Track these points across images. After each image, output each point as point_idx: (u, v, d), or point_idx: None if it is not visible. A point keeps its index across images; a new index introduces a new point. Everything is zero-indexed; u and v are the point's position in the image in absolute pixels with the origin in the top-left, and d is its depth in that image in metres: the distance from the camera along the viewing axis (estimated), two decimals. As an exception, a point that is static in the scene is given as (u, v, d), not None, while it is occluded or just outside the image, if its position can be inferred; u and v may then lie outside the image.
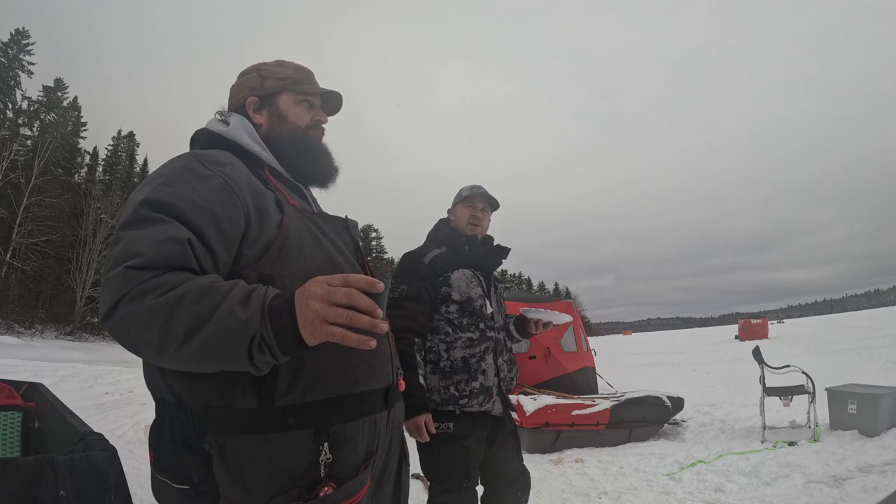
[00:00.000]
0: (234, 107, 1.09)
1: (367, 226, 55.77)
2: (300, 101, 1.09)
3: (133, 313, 0.72)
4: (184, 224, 0.79)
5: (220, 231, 0.83)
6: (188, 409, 0.84)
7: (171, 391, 0.86)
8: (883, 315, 34.37)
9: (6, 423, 2.53)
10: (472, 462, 1.86)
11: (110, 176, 37.11)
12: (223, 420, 0.83)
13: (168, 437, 0.87)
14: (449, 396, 1.84)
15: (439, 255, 1.97)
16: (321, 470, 0.86)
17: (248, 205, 0.87)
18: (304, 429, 0.85)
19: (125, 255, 0.75)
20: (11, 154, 26.37)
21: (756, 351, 5.28)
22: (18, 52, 31.01)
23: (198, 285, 0.74)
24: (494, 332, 1.94)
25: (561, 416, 4.61)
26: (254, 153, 1.01)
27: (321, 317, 0.71)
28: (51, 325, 26.87)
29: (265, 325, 0.72)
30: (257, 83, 1.08)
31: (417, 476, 3.75)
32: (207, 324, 0.71)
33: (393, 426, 1.05)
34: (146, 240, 0.76)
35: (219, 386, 0.82)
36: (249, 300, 0.74)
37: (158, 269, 0.75)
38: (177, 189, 0.82)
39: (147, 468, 0.96)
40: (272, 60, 1.12)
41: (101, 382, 9.59)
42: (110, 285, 0.74)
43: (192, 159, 0.89)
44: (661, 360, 15.21)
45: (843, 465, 3.53)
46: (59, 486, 1.15)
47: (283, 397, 0.84)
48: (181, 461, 0.84)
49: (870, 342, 14.15)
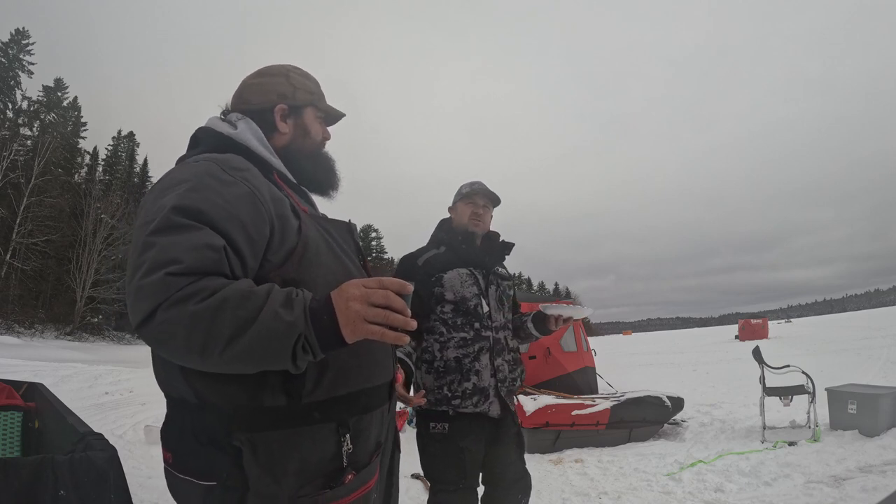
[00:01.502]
0: (255, 107, 1.07)
1: (367, 226, 55.76)
2: (318, 117, 1.13)
3: (174, 319, 0.73)
4: (216, 231, 0.81)
5: (248, 238, 0.85)
6: (215, 408, 0.86)
7: (195, 392, 0.87)
8: (883, 315, 34.36)
9: (6, 423, 2.53)
10: (468, 463, 1.84)
11: (110, 176, 37.10)
12: (253, 418, 0.86)
13: (190, 437, 0.88)
14: (442, 397, 1.82)
15: (436, 255, 1.96)
16: (344, 459, 0.91)
17: (271, 212, 0.89)
18: (328, 422, 0.91)
19: (162, 261, 0.75)
20: (11, 154, 26.36)
21: (756, 351, 5.28)
22: (18, 52, 30.99)
23: (237, 290, 0.76)
24: (492, 331, 1.90)
25: (561, 416, 4.61)
26: (263, 158, 1.02)
27: (362, 316, 0.77)
28: (51, 325, 26.86)
29: (308, 326, 0.76)
30: (289, 92, 1.09)
31: (417, 476, 3.75)
32: (252, 327, 0.74)
33: (391, 420, 1.12)
34: (183, 246, 0.77)
35: (247, 387, 0.85)
36: (292, 303, 0.77)
37: (197, 275, 0.76)
38: (204, 195, 0.83)
39: (147, 468, 0.96)
40: (297, 67, 1.14)
41: (101, 382, 9.58)
42: (147, 291, 0.74)
43: (213, 165, 0.89)
44: (661, 360, 15.21)
45: (843, 465, 3.53)
46: (59, 486, 1.15)
47: (309, 395, 0.89)
48: (208, 459, 0.86)
49: (870, 342, 14.16)
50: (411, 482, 3.69)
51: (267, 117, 1.06)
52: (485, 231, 2.04)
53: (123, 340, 29.42)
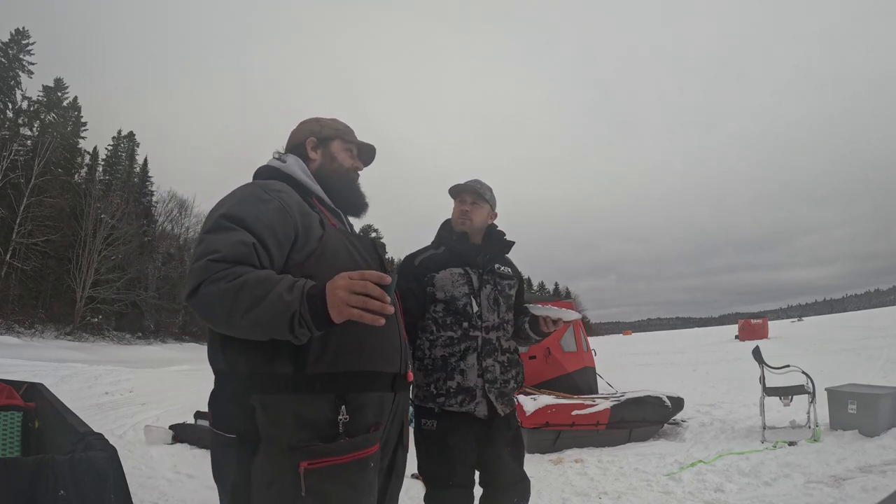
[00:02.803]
0: (294, 144, 1.39)
1: (367, 226, 55.66)
2: (346, 149, 1.41)
3: (211, 292, 1.00)
4: (250, 233, 1.07)
5: (276, 240, 1.10)
6: (240, 374, 1.11)
7: (227, 362, 1.12)
8: (883, 315, 34.36)
9: (6, 423, 2.53)
10: (457, 461, 1.84)
11: (110, 176, 37.11)
12: (265, 382, 1.08)
13: (223, 399, 1.14)
14: (429, 394, 1.86)
15: (433, 255, 1.97)
16: (340, 427, 1.10)
17: (297, 222, 1.15)
18: (327, 393, 1.10)
19: (208, 250, 1.03)
20: (11, 154, 26.39)
21: (756, 351, 5.28)
22: (18, 52, 31.00)
23: (256, 276, 1.01)
24: (481, 331, 1.88)
25: (561, 416, 4.61)
26: (304, 184, 1.30)
27: (344, 301, 0.98)
28: (51, 325, 26.88)
29: (303, 306, 0.98)
30: (317, 129, 1.40)
31: (418, 476, 3.75)
32: (262, 303, 0.98)
33: (395, 413, 1.26)
34: (223, 241, 1.05)
35: (265, 355, 1.08)
36: (293, 288, 1.00)
37: (230, 263, 1.02)
38: (245, 207, 1.12)
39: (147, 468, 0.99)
40: (329, 117, 1.44)
41: (101, 382, 9.60)
42: (196, 272, 1.01)
43: (257, 188, 1.19)
44: (661, 360, 15.22)
45: (843, 465, 3.53)
46: (59, 486, 1.15)
47: (312, 367, 1.09)
48: (232, 415, 1.10)
49: (870, 342, 14.15)
50: (411, 482, 3.69)
51: (301, 150, 1.37)
52: (476, 228, 1.99)
53: (123, 340, 29.44)
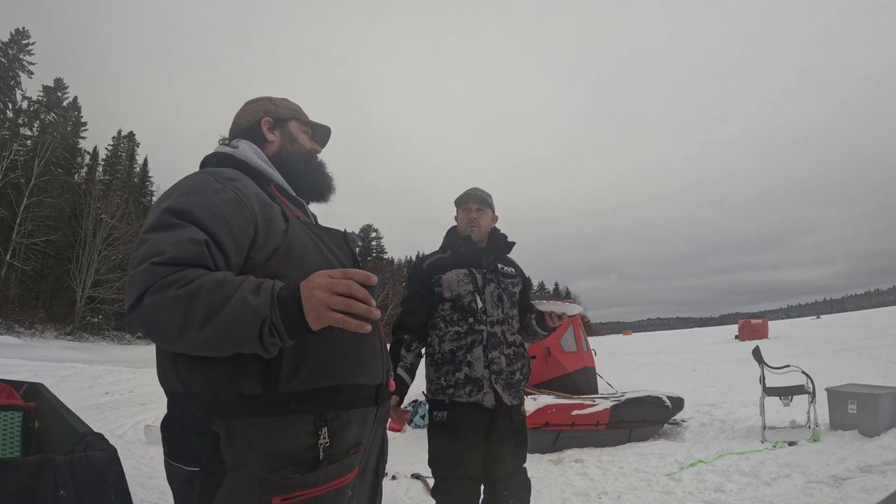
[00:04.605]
0: (244, 126, 1.22)
1: (367, 226, 55.70)
2: (304, 130, 1.26)
3: (157, 302, 0.81)
4: (201, 229, 0.89)
5: (232, 236, 0.92)
6: (199, 396, 0.92)
7: (182, 382, 0.94)
8: (883, 315, 34.35)
9: (6, 423, 2.53)
10: (466, 451, 1.94)
11: (110, 176, 37.12)
12: (231, 405, 0.91)
13: (178, 425, 0.95)
14: (440, 386, 2.00)
15: (440, 258, 2.15)
16: (320, 452, 0.94)
17: (256, 214, 0.97)
18: (305, 413, 0.94)
19: (150, 252, 0.85)
20: (11, 154, 26.36)
21: (756, 351, 5.28)
22: (18, 52, 31.00)
23: (213, 279, 0.83)
24: (486, 325, 2.02)
25: (561, 416, 4.61)
26: (261, 171, 1.11)
27: (325, 304, 0.81)
28: (51, 325, 26.87)
29: (274, 311, 0.82)
30: (271, 108, 1.23)
31: (417, 476, 3.75)
32: (223, 311, 0.80)
33: (378, 424, 1.13)
34: (168, 240, 0.86)
35: (228, 374, 0.91)
36: (260, 290, 0.83)
37: (179, 266, 0.84)
38: (194, 199, 0.93)
39: (147, 468, 0.98)
40: (279, 97, 1.28)
41: (101, 382, 9.59)
42: (137, 279, 0.83)
43: (206, 175, 1.00)
44: (661, 360, 15.20)
45: (843, 465, 3.53)
46: (59, 486, 1.15)
47: (286, 384, 0.92)
48: (191, 444, 0.92)
49: (870, 342, 14.16)
50: (411, 482, 3.69)
51: (256, 131, 1.20)
52: (483, 232, 2.17)
53: (123, 340, 29.43)
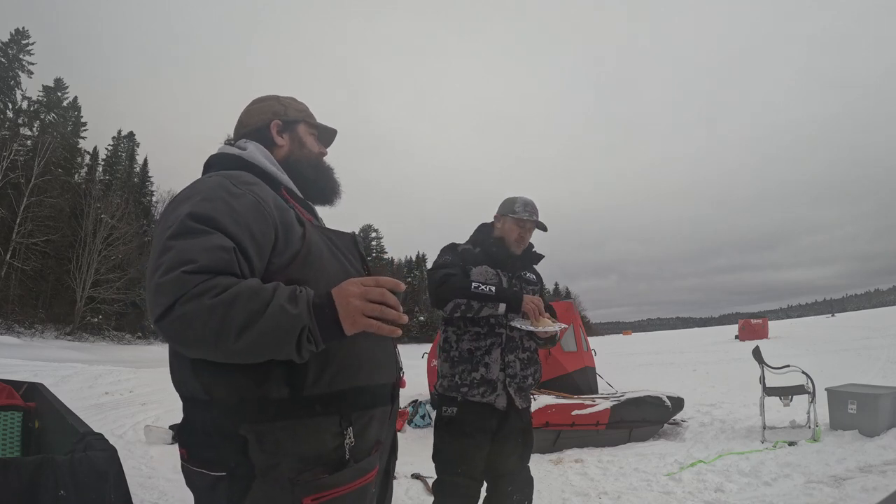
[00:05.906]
0: (253, 127, 1.19)
1: (367, 226, 55.78)
2: (311, 133, 1.25)
3: (192, 312, 0.80)
4: (226, 235, 0.89)
5: (255, 242, 0.93)
6: (222, 402, 0.93)
7: (204, 387, 0.94)
8: (883, 315, 34.34)
9: (6, 423, 2.53)
10: (471, 450, 1.93)
11: (110, 176, 37.12)
12: (258, 409, 0.92)
13: (201, 431, 0.96)
14: (453, 384, 1.98)
15: (470, 250, 2.13)
16: (346, 452, 0.97)
17: (275, 220, 0.98)
18: (330, 415, 0.97)
19: (179, 261, 0.83)
20: (11, 154, 26.38)
21: (756, 351, 5.28)
22: (18, 52, 31.00)
23: (248, 286, 0.84)
24: (506, 329, 2.01)
25: (561, 416, 4.61)
26: (272, 175, 1.11)
27: (360, 311, 0.86)
28: (51, 325, 26.89)
29: (311, 318, 0.85)
30: (280, 110, 1.21)
31: (418, 476, 3.75)
32: (261, 319, 0.82)
33: (391, 426, 1.15)
34: (197, 248, 0.85)
35: (254, 379, 0.91)
36: (297, 299, 0.86)
37: (210, 273, 0.84)
38: (216, 205, 0.92)
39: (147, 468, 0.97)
40: (287, 96, 1.26)
41: (101, 382, 9.60)
42: (167, 288, 0.82)
43: (224, 179, 0.99)
44: (661, 360, 15.20)
45: (843, 465, 3.53)
46: (60, 486, 1.15)
47: (311, 387, 0.95)
48: (217, 450, 0.93)
49: (870, 342, 14.15)
50: (411, 482, 3.69)
51: (265, 134, 1.18)
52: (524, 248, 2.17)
53: (123, 340, 29.45)
